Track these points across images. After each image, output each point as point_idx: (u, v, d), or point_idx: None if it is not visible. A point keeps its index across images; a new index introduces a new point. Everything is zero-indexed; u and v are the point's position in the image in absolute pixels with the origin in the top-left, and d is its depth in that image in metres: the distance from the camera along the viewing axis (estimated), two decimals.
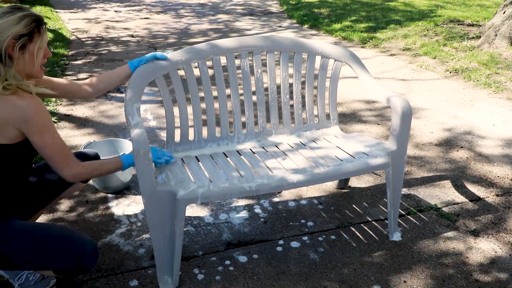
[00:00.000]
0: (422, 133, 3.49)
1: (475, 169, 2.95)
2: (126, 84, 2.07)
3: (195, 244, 2.19)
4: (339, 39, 6.73)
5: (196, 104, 2.17)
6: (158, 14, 8.73)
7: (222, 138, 2.28)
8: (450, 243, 2.22)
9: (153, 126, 3.48)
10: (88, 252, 1.60)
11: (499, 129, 3.54)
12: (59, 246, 1.58)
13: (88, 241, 1.63)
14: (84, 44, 6.19)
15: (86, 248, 1.60)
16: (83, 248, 1.60)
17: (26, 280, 1.81)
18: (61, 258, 1.58)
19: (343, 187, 2.70)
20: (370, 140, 2.30)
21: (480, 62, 5.09)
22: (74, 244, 1.59)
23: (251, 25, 7.78)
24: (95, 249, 1.63)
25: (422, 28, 6.75)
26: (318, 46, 2.35)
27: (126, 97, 1.89)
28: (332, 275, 2.00)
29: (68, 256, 1.58)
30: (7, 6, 1.53)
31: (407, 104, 2.09)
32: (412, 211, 2.48)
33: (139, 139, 1.70)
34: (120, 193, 2.61)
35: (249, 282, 1.95)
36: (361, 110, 3.94)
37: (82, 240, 1.62)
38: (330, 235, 2.27)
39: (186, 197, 1.78)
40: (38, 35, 1.54)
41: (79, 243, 1.60)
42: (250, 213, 2.45)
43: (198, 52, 2.12)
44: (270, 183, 1.89)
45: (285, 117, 2.39)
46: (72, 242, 1.60)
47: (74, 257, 1.59)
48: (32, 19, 1.52)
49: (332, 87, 2.43)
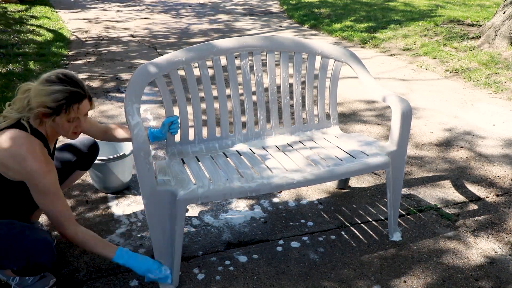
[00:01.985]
0: (422, 133, 3.49)
1: (475, 169, 2.95)
2: (126, 84, 2.08)
3: (195, 244, 2.19)
4: (339, 39, 6.73)
5: (196, 104, 2.17)
6: (159, 14, 8.74)
7: (222, 138, 2.28)
8: (450, 243, 2.22)
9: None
10: (39, 248, 1.60)
11: (499, 129, 3.54)
12: (9, 244, 1.59)
13: (39, 237, 1.63)
14: (84, 44, 6.19)
15: (37, 245, 1.60)
16: (34, 244, 1.60)
17: (21, 279, 1.81)
18: (11, 257, 1.58)
19: (343, 187, 2.70)
20: (370, 140, 2.30)
21: (480, 62, 5.08)
22: (25, 241, 1.59)
23: (251, 25, 7.78)
24: (47, 245, 1.62)
25: (422, 28, 6.75)
26: (318, 46, 2.35)
27: (126, 97, 1.89)
28: (332, 275, 2.00)
29: (18, 254, 1.58)
30: (56, 73, 1.63)
31: (407, 104, 2.09)
32: (412, 211, 2.48)
33: (139, 140, 1.70)
34: (120, 193, 2.61)
35: (249, 282, 1.95)
36: (361, 110, 3.94)
37: (34, 236, 1.62)
38: (330, 235, 2.27)
39: (186, 197, 1.78)
40: (64, 112, 1.62)
41: (30, 239, 1.60)
42: (250, 213, 2.45)
43: (198, 52, 2.12)
44: (270, 183, 1.89)
45: (285, 117, 2.39)
46: (22, 240, 1.60)
47: (24, 254, 1.58)
48: (64, 96, 1.60)
49: (332, 87, 2.43)
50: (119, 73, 4.86)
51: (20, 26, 6.72)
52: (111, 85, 4.42)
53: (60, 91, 1.59)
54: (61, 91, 1.59)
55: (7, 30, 6.37)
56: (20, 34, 6.19)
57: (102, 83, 4.48)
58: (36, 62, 4.93)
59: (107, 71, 4.92)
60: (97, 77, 4.69)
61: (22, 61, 4.95)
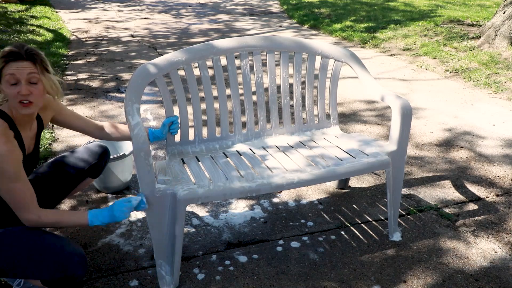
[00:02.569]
0: (422, 133, 3.49)
1: (475, 169, 2.95)
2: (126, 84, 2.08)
3: (195, 244, 2.19)
4: (339, 39, 6.73)
5: (196, 104, 2.17)
6: (159, 14, 8.74)
7: (222, 138, 2.28)
8: (450, 243, 2.22)
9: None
10: (75, 261, 1.57)
11: (499, 129, 3.54)
12: (46, 254, 1.56)
13: (76, 251, 1.60)
14: (84, 44, 6.19)
15: (74, 258, 1.57)
16: (71, 257, 1.57)
17: (25, 281, 1.81)
18: (47, 268, 1.55)
19: (343, 187, 2.70)
20: (370, 140, 2.30)
21: (480, 62, 5.08)
22: (61, 253, 1.57)
23: (251, 25, 7.78)
24: (83, 259, 1.59)
25: (422, 28, 6.75)
26: (318, 46, 2.35)
27: (126, 97, 1.89)
28: (332, 275, 2.00)
29: (54, 265, 1.55)
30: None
31: (407, 104, 2.09)
32: (412, 211, 2.48)
33: (139, 140, 1.70)
34: (120, 193, 2.61)
35: (249, 282, 1.95)
36: (361, 110, 3.94)
37: (70, 249, 1.59)
38: (330, 235, 2.27)
39: (186, 197, 1.78)
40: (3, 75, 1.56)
41: (67, 252, 1.57)
42: (250, 213, 2.45)
43: (198, 52, 2.12)
44: (270, 183, 1.89)
45: (285, 117, 2.39)
46: (59, 251, 1.57)
47: (61, 267, 1.55)
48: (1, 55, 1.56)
49: (332, 87, 2.43)
50: (119, 73, 4.86)
51: (20, 26, 6.72)
52: (111, 85, 4.42)
53: (2, 52, 1.56)
54: (2, 52, 1.56)
55: (7, 30, 6.37)
56: (20, 34, 6.19)
57: (102, 83, 4.48)
58: None
59: (107, 71, 4.92)
60: (97, 77, 4.69)
61: None
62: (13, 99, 1.57)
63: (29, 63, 1.58)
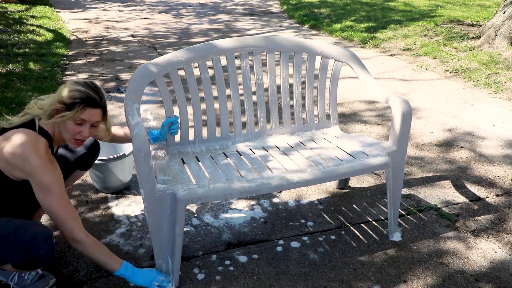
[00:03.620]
0: (422, 133, 3.49)
1: (475, 169, 2.95)
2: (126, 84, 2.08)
3: (195, 244, 2.19)
4: (339, 39, 6.73)
5: (196, 104, 2.17)
6: (159, 14, 8.74)
7: (222, 138, 2.28)
8: (450, 243, 2.22)
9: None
10: (39, 240, 1.59)
11: (499, 129, 3.54)
12: (12, 237, 1.58)
13: (40, 230, 1.62)
14: (84, 44, 6.19)
15: (38, 237, 1.59)
16: (35, 237, 1.59)
17: (20, 278, 1.81)
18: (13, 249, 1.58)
19: (343, 187, 2.70)
20: (370, 140, 2.30)
21: (480, 62, 5.08)
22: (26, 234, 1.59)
23: (251, 25, 7.78)
24: (47, 237, 1.61)
25: (422, 28, 6.75)
26: (318, 46, 2.35)
27: (126, 97, 1.89)
28: (332, 275, 2.00)
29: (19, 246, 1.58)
30: (85, 80, 1.74)
31: (407, 104, 2.09)
32: (412, 211, 2.48)
33: (139, 140, 1.70)
34: (120, 193, 2.61)
35: (249, 282, 1.95)
36: (361, 110, 3.94)
37: (34, 230, 1.61)
38: (330, 235, 2.27)
39: (186, 197, 1.78)
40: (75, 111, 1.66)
41: (31, 233, 1.60)
42: (250, 213, 2.45)
43: (198, 52, 2.12)
44: (270, 183, 1.89)
45: (285, 117, 2.39)
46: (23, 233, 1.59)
47: (26, 247, 1.58)
48: (80, 96, 1.66)
49: (332, 87, 2.43)
50: (119, 73, 4.86)
51: (20, 26, 6.72)
52: (111, 85, 4.43)
53: (80, 91, 1.67)
54: (80, 92, 1.67)
55: (7, 30, 6.37)
56: (20, 34, 6.19)
57: (102, 83, 4.48)
58: (36, 62, 4.93)
59: (107, 71, 4.92)
60: (97, 77, 4.69)
61: (22, 61, 4.96)
62: (69, 133, 1.70)
63: (101, 111, 1.74)
